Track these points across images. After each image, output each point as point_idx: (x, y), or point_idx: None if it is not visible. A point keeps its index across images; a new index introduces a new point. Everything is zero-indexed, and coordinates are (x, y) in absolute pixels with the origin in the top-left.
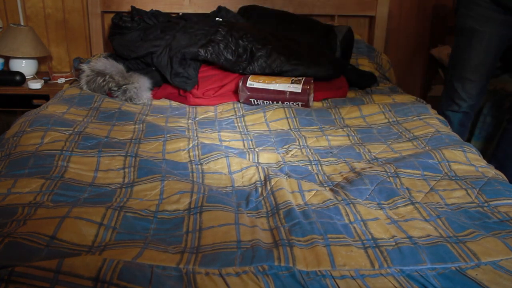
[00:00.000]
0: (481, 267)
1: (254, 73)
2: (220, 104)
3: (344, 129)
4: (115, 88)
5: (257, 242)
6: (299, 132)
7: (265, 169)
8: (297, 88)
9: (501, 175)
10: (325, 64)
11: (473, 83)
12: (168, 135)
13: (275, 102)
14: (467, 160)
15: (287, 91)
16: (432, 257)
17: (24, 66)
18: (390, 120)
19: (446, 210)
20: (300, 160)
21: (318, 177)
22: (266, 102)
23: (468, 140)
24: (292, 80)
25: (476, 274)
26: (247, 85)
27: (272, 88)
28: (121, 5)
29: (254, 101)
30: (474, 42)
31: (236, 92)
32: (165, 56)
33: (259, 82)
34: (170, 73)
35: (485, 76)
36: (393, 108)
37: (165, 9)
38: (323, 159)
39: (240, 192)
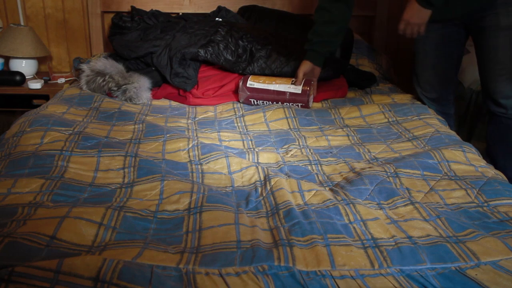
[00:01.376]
0: (481, 267)
1: (254, 74)
2: (220, 104)
3: (344, 129)
4: (115, 88)
5: (257, 242)
6: (298, 132)
7: (265, 169)
8: (297, 89)
9: (501, 175)
10: (325, 64)
11: (421, 77)
12: (167, 135)
13: (275, 103)
14: (466, 160)
15: (287, 91)
16: (432, 257)
17: (24, 66)
18: (390, 120)
19: (446, 210)
20: (300, 160)
21: (318, 177)
22: (266, 103)
23: (468, 140)
24: (293, 81)
25: (476, 274)
26: (247, 85)
27: (272, 88)
28: (121, 5)
29: (254, 101)
30: (416, 39)
31: (236, 92)
32: (164, 56)
33: (259, 82)
34: (170, 73)
35: (433, 70)
36: (393, 108)
37: (165, 9)
38: (322, 159)
39: (240, 192)
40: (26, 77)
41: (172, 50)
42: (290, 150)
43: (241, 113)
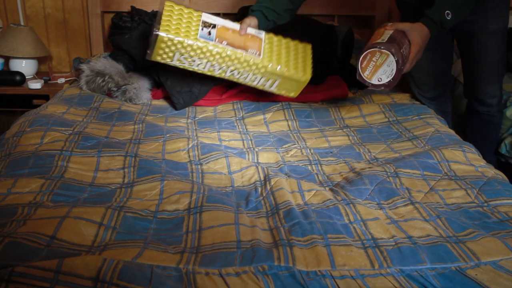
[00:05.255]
0: (481, 267)
1: None
2: (220, 104)
3: (344, 130)
4: (115, 89)
5: (257, 242)
6: (298, 134)
7: (265, 169)
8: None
9: (501, 175)
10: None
11: (418, 79)
12: (167, 135)
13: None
14: (466, 160)
15: None
16: (432, 257)
17: (24, 66)
18: (390, 119)
19: (446, 210)
20: (299, 160)
21: (318, 177)
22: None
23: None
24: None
25: (476, 274)
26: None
27: None
28: (121, 5)
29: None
30: None
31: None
32: None
33: None
34: None
35: (428, 71)
36: (393, 107)
37: None
38: (322, 159)
39: (240, 192)
40: (26, 77)
41: None
42: (290, 150)
43: (241, 115)
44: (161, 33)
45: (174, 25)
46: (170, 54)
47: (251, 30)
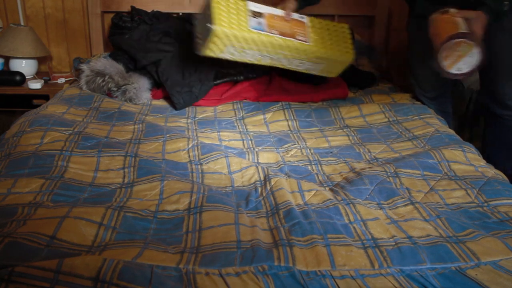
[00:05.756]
0: (481, 267)
1: None
2: (220, 104)
3: (344, 130)
4: (115, 89)
5: (257, 242)
6: (298, 134)
7: (265, 169)
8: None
9: (501, 175)
10: None
11: (421, 77)
12: (167, 135)
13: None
14: (466, 160)
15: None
16: (432, 257)
17: (24, 66)
18: (390, 119)
19: (446, 210)
20: (299, 160)
21: (318, 177)
22: None
23: (469, 140)
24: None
25: (476, 274)
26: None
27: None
28: (121, 5)
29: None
30: (410, 40)
31: (236, 96)
32: None
33: None
34: None
35: (426, 68)
36: (393, 107)
37: (165, 9)
38: (322, 159)
39: (240, 192)
40: (26, 77)
41: None
42: (290, 150)
43: (241, 114)
44: (216, 28)
45: (225, 17)
46: (222, 48)
47: (294, 15)
